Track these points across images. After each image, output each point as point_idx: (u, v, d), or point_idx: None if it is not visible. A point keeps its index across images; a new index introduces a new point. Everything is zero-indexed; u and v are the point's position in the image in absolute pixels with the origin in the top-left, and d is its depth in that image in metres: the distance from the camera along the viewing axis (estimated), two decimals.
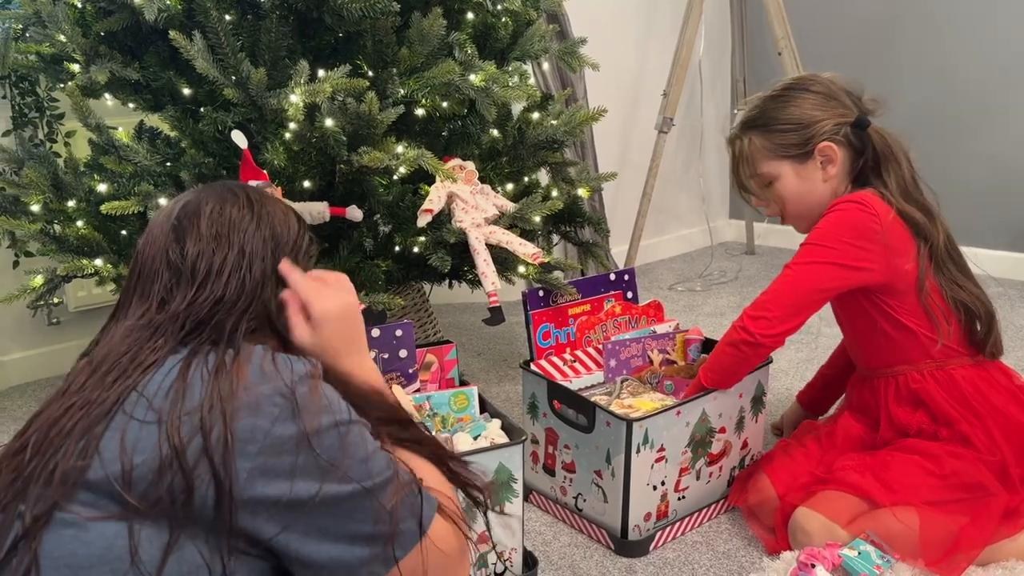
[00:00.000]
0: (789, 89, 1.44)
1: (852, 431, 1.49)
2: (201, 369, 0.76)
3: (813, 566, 1.22)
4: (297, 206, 1.55)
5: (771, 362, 1.58)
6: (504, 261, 1.68)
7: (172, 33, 1.47)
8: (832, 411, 1.62)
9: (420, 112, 1.68)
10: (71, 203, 1.66)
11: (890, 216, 1.35)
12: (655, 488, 1.42)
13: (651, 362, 1.65)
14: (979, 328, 1.41)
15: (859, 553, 1.24)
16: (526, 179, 1.96)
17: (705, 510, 1.51)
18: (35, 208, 1.67)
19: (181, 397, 0.73)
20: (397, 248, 1.70)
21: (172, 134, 1.70)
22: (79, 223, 1.64)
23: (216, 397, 0.73)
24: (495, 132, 1.85)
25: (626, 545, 1.41)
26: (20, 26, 1.79)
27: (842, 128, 1.40)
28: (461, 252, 1.66)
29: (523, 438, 1.28)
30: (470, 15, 1.79)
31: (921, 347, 1.40)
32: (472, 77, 1.59)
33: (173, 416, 0.72)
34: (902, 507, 1.29)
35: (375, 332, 1.41)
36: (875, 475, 1.34)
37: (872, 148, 1.40)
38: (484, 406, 1.42)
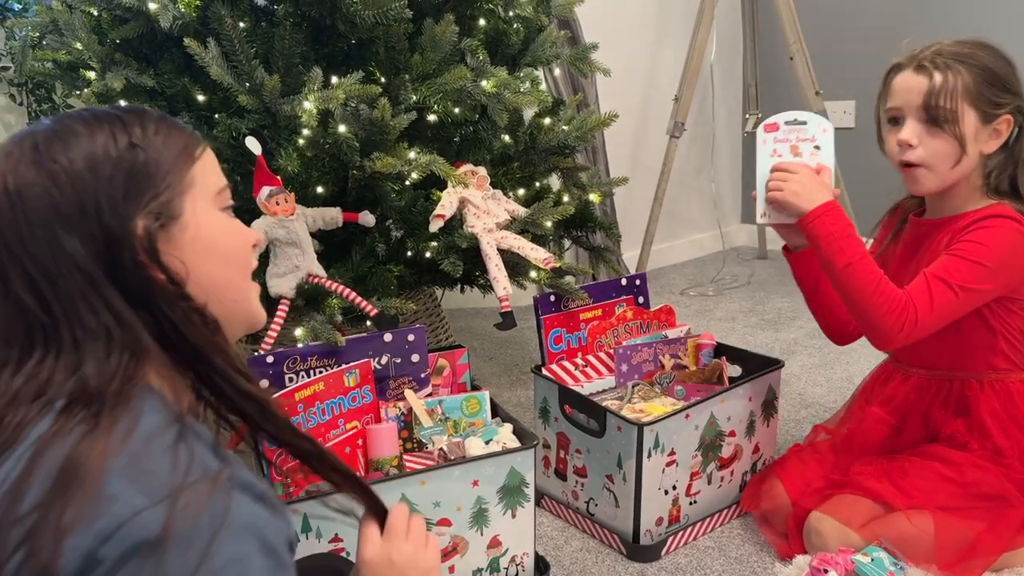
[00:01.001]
0: (992, 47, 1.33)
1: (872, 436, 1.47)
2: (57, 450, 0.56)
3: (826, 571, 1.21)
4: (310, 211, 1.57)
5: (783, 365, 1.58)
6: (516, 266, 1.69)
7: (187, 40, 1.48)
8: (842, 413, 1.61)
9: (432, 118, 1.69)
10: None
11: None
12: (666, 492, 1.42)
13: (663, 367, 1.65)
14: None
15: (872, 559, 1.23)
16: (537, 184, 1.96)
17: (717, 515, 1.51)
18: None
19: (20, 495, 0.55)
20: (409, 253, 1.71)
21: None
22: None
23: (54, 498, 0.53)
24: (507, 138, 1.86)
25: (638, 550, 1.41)
26: (37, 34, 1.81)
27: (1020, 114, 1.30)
28: (473, 257, 1.67)
29: (535, 443, 1.28)
30: (482, 21, 1.80)
31: (992, 354, 1.36)
32: (484, 83, 1.59)
33: (4, 523, 0.54)
34: (917, 511, 1.28)
35: (387, 337, 1.42)
36: (893, 481, 1.33)
37: None
38: (496, 410, 1.42)
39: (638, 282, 1.74)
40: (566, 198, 1.88)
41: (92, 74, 1.68)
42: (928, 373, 1.43)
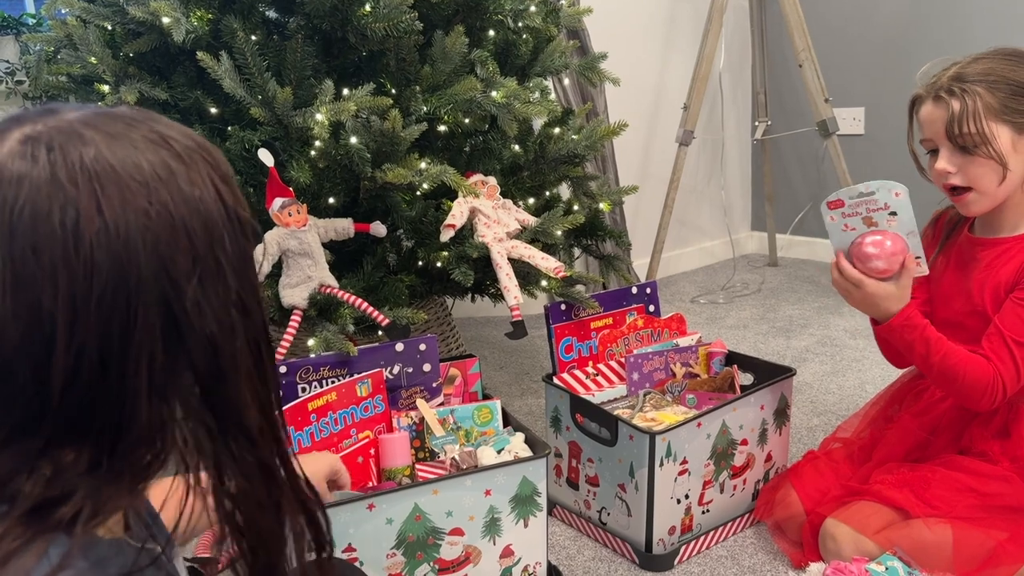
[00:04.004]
0: (1015, 55, 1.29)
1: (897, 445, 1.44)
2: None
3: None
4: (322, 222, 1.57)
5: (794, 373, 1.57)
6: (526, 275, 1.69)
7: (200, 54, 1.50)
8: (857, 422, 1.60)
9: (442, 128, 1.70)
10: None
11: None
12: (679, 501, 1.42)
13: (674, 375, 1.65)
14: None
15: (887, 568, 1.23)
16: (547, 193, 1.97)
17: (730, 524, 1.50)
18: None
19: None
20: (420, 263, 1.71)
21: None
22: None
23: None
24: (516, 147, 1.87)
25: (650, 559, 1.41)
26: (52, 48, 1.83)
27: None
28: (483, 266, 1.67)
29: (546, 452, 1.28)
30: (491, 32, 1.81)
31: None
32: (493, 93, 1.60)
33: None
34: (936, 519, 1.27)
35: (399, 346, 1.42)
36: (914, 491, 1.32)
37: None
38: (507, 420, 1.43)
39: (649, 290, 1.74)
40: (576, 207, 1.88)
41: (106, 88, 1.69)
42: None
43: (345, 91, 1.52)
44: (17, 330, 0.48)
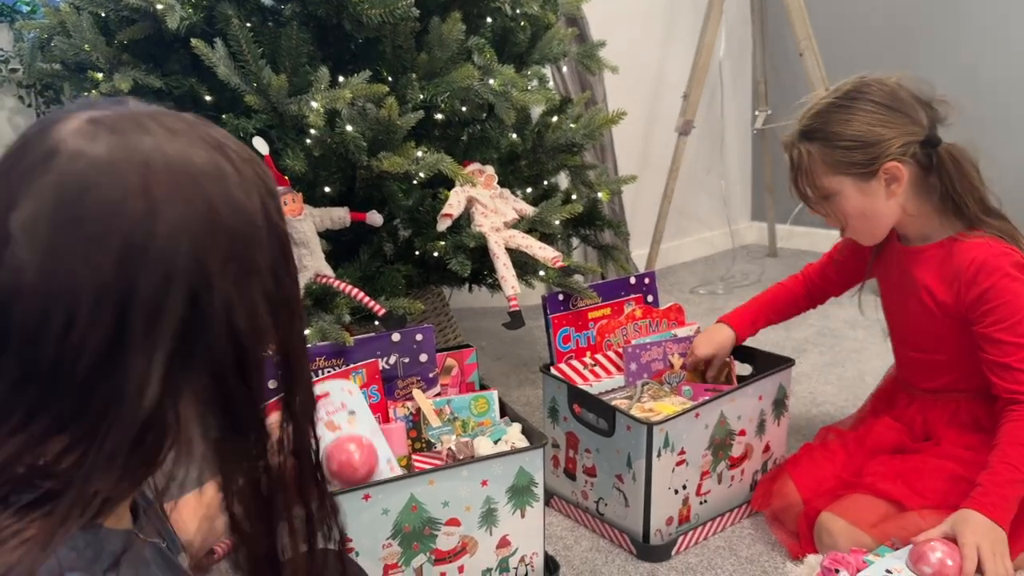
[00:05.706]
0: (852, 99, 1.30)
1: (885, 438, 1.45)
2: None
3: (837, 572, 1.20)
4: (318, 211, 1.56)
5: (793, 364, 1.57)
6: (524, 265, 1.68)
7: (194, 41, 1.48)
8: (855, 412, 1.60)
9: (439, 117, 1.68)
10: None
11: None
12: (676, 492, 1.42)
13: (672, 366, 1.64)
14: None
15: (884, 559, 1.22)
16: (545, 183, 1.96)
17: (728, 514, 1.50)
18: None
19: None
20: (417, 252, 1.70)
21: None
22: None
23: None
24: (514, 136, 1.85)
25: (648, 550, 1.40)
26: (45, 36, 1.81)
27: (910, 147, 1.28)
28: (481, 256, 1.66)
29: (543, 442, 1.28)
30: (489, 19, 1.79)
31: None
32: (491, 81, 1.59)
33: None
34: (930, 510, 1.27)
35: (395, 337, 1.41)
36: (907, 482, 1.32)
37: (944, 168, 1.30)
38: (504, 410, 1.42)
39: (647, 280, 1.73)
40: (574, 196, 1.87)
41: (100, 75, 1.68)
42: (933, 395, 1.44)
43: (341, 79, 1.51)
44: (44, 297, 0.48)
